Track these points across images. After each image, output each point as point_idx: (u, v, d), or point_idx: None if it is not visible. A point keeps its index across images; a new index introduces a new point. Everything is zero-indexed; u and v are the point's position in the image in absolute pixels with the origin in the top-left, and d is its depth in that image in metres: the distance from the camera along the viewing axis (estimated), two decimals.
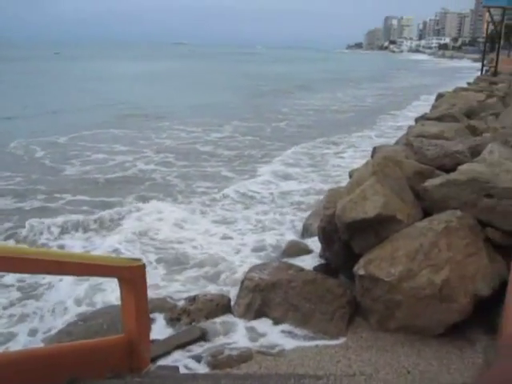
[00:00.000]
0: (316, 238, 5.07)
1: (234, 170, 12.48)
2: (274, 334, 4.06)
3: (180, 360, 3.74)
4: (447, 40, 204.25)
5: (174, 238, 7.72)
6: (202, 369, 3.61)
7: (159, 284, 5.66)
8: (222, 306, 4.30)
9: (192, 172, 12.25)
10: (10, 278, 6.29)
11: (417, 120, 10.56)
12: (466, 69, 65.44)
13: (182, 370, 3.56)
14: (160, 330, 4.08)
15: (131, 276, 2.69)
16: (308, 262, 4.65)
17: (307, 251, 4.80)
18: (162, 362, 3.70)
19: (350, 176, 5.31)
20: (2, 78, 41.33)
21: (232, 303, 4.41)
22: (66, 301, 5.50)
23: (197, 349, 3.84)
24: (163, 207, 9.19)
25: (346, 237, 4.23)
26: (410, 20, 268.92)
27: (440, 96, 15.44)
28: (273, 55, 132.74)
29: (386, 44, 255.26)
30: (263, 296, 4.17)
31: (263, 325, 4.14)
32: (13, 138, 15.91)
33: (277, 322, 4.13)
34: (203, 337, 3.93)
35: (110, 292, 5.62)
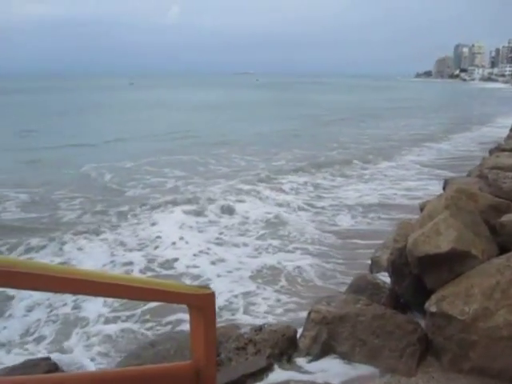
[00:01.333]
0: (385, 272, 4.96)
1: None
2: (341, 369, 3.97)
3: None
4: None
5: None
6: None
7: None
8: (287, 338, 4.26)
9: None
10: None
11: (491, 151, 10.21)
12: None
13: None
14: (226, 358, 4.09)
15: (201, 304, 2.71)
16: (377, 296, 4.55)
17: (375, 285, 4.69)
18: None
19: (421, 209, 5.17)
20: (83, 108, 43.84)
21: (298, 335, 4.37)
22: None
23: (262, 380, 3.82)
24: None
25: (417, 271, 4.11)
26: (481, 48, 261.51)
27: None
28: (339, 84, 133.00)
29: (457, 72, 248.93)
30: (330, 329, 4.10)
31: (329, 358, 4.06)
32: (86, 163, 17.67)
33: (344, 357, 4.04)
34: (269, 368, 3.90)
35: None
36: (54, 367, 4.45)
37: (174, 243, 9.61)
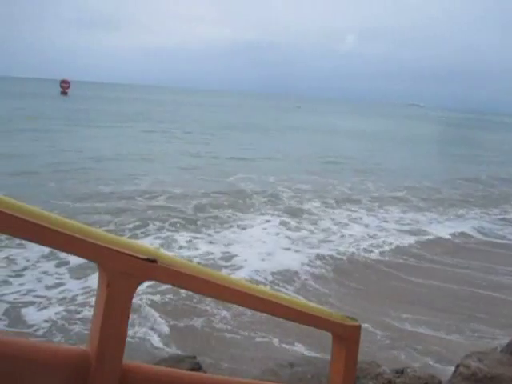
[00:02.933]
0: None
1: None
2: None
3: None
4: None
5: None
6: None
7: None
8: None
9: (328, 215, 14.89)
10: None
11: None
12: None
13: None
14: None
15: (345, 334, 2.69)
16: None
17: None
18: None
19: None
20: (248, 126, 46.36)
21: None
22: None
23: None
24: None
25: None
26: None
27: None
28: None
29: None
30: None
31: None
32: (236, 173, 20.54)
33: None
34: None
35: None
36: (197, 366, 4.72)
37: (250, 242, 11.52)
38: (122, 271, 1.64)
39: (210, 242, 11.44)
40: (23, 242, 7.98)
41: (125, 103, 77.73)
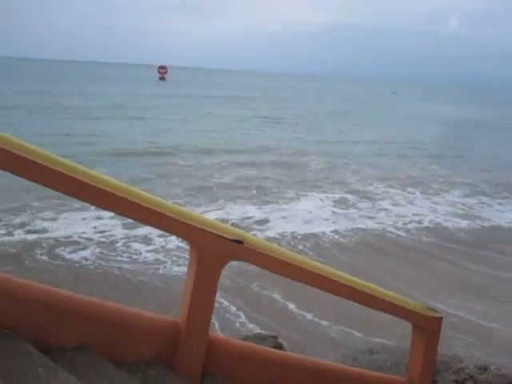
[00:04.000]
0: None
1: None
2: None
3: None
4: None
5: None
6: None
7: None
8: None
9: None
10: None
11: None
12: None
13: None
14: None
15: (425, 325, 2.70)
16: None
17: None
18: None
19: None
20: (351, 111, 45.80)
21: None
22: None
23: None
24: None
25: None
26: None
27: None
28: None
29: None
30: None
31: None
32: (311, 154, 21.67)
33: None
34: None
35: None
36: (278, 345, 4.87)
37: (295, 212, 12.30)
38: (212, 250, 1.79)
39: (258, 208, 12.39)
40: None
41: (220, 88, 79.49)
